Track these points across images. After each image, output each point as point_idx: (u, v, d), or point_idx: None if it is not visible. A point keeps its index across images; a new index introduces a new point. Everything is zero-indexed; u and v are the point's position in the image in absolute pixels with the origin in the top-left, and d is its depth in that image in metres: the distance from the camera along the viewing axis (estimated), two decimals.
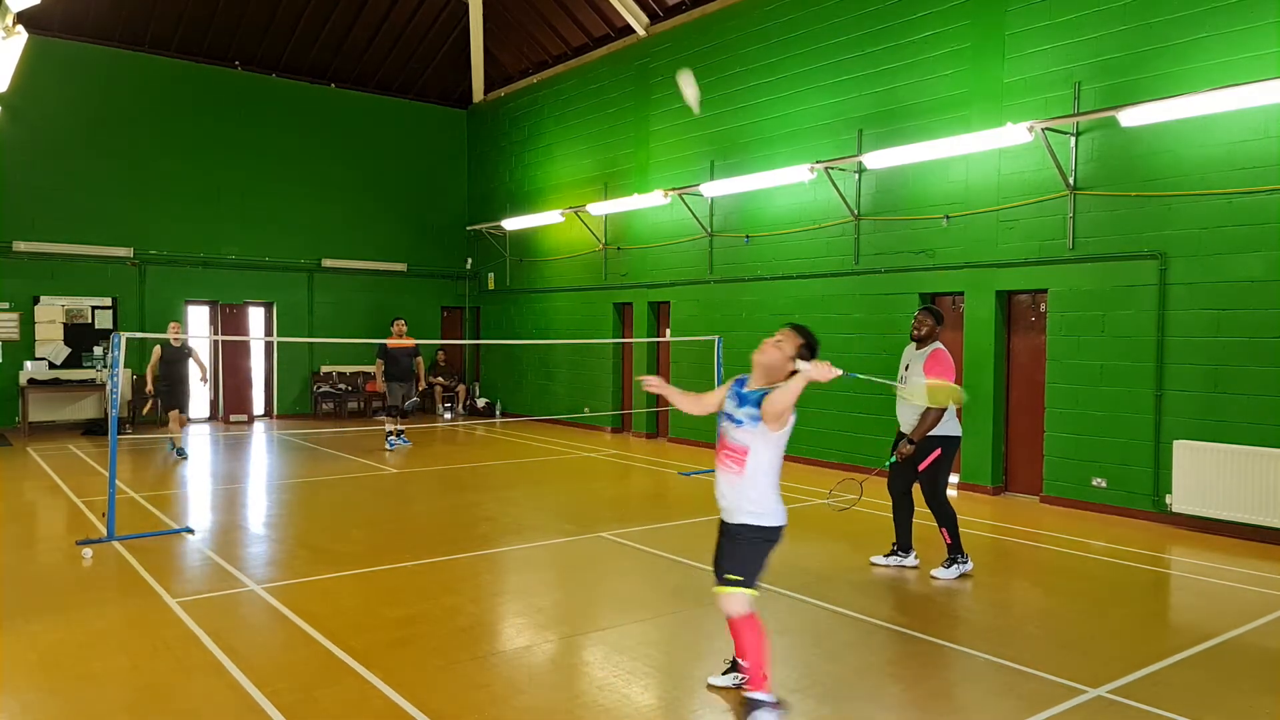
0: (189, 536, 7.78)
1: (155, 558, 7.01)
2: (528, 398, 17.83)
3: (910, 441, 6.53)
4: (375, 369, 14.00)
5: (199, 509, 9.10)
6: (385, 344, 13.39)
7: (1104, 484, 9.12)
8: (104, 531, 7.58)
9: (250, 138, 17.31)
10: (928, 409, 6.30)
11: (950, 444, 6.64)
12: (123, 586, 6.25)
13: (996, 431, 10.19)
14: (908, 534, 6.94)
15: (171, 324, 12.58)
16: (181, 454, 12.29)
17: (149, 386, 12.47)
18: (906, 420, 6.67)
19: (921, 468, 6.66)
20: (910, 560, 6.93)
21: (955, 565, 6.66)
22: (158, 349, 12.24)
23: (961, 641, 5.29)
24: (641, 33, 15.08)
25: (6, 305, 15.08)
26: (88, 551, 7.06)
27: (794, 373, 4.07)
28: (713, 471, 11.79)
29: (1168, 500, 8.59)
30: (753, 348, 4.33)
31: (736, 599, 4.17)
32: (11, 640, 5.16)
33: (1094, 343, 9.20)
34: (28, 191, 15.11)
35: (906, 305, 10.96)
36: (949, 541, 6.66)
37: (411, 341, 13.35)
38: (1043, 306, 9.88)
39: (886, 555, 7.02)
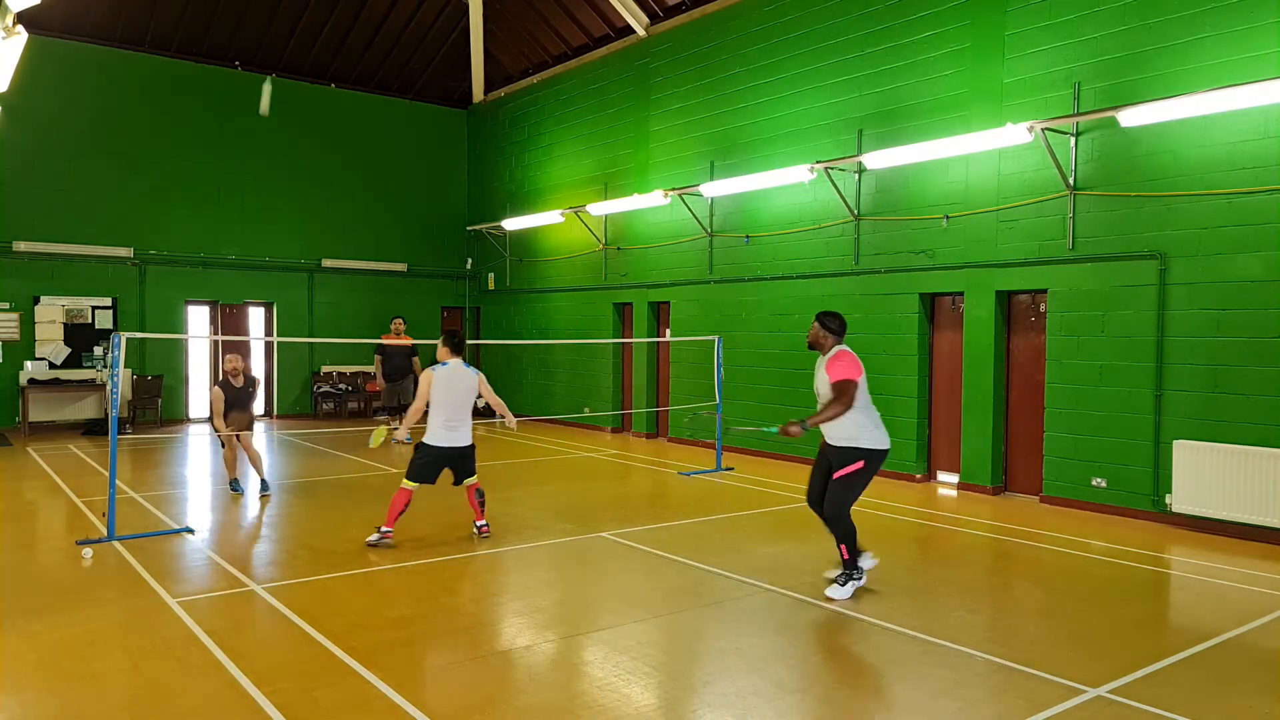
0: (189, 536, 7.78)
1: (155, 558, 7.01)
2: (528, 398, 17.83)
3: (803, 425, 5.87)
4: (374, 367, 14.07)
5: (199, 509, 9.10)
6: (381, 342, 13.43)
7: (1104, 484, 9.12)
8: (104, 531, 7.59)
9: (250, 138, 17.31)
10: (832, 401, 5.93)
11: (875, 458, 6.12)
12: (123, 586, 6.25)
13: (996, 431, 10.19)
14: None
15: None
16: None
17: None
18: (829, 431, 6.22)
19: (838, 474, 6.09)
20: (869, 561, 6.38)
21: (851, 583, 6.13)
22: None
23: (961, 641, 5.29)
24: (641, 33, 15.08)
25: (7, 305, 15.08)
26: (88, 551, 7.05)
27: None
28: (711, 471, 11.82)
29: (1167, 500, 8.59)
30: (753, 348, 4.34)
31: None
32: (11, 640, 5.16)
33: (1094, 343, 9.20)
34: (28, 191, 15.11)
35: (906, 305, 10.97)
36: (846, 558, 6.11)
37: (409, 340, 13.33)
38: (1043, 306, 9.88)
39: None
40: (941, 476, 10.95)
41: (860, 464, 6.04)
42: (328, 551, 7.33)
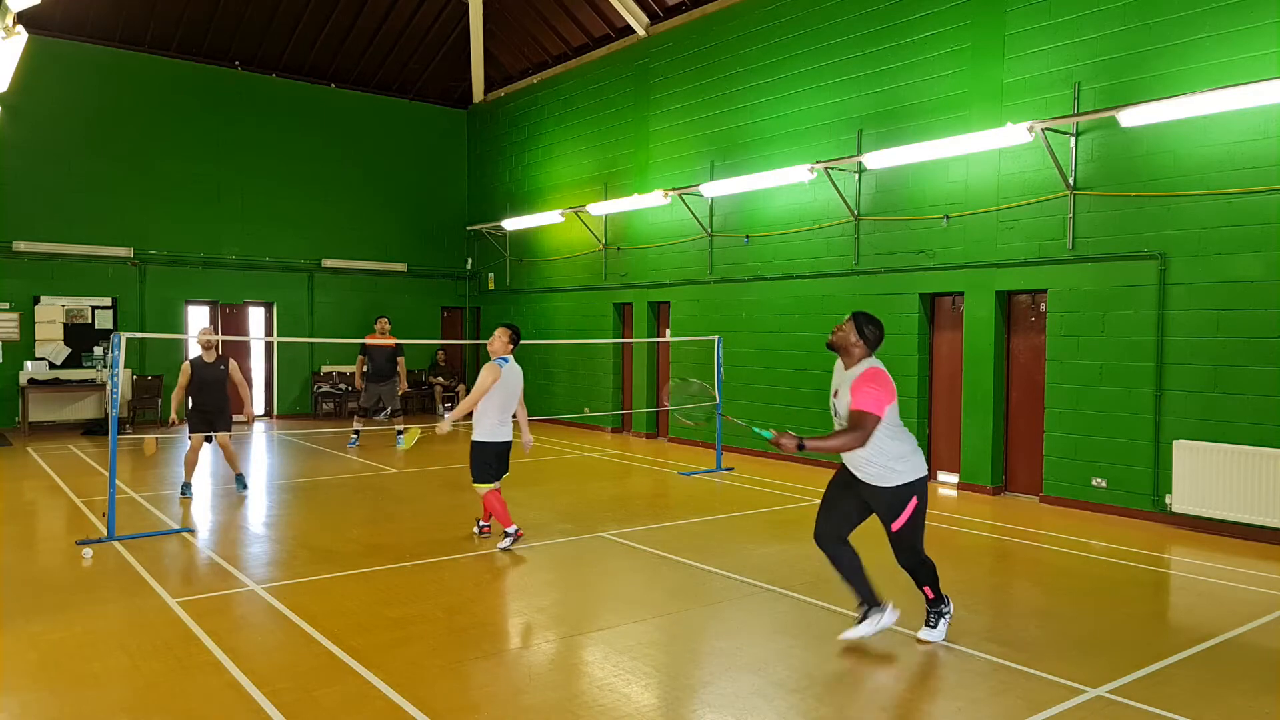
0: (189, 536, 7.79)
1: (155, 558, 7.02)
2: (528, 398, 17.80)
3: (801, 446, 4.84)
4: (356, 366, 13.88)
5: (199, 509, 9.10)
6: (365, 342, 13.28)
7: (1104, 484, 9.12)
8: (104, 531, 7.59)
9: (250, 138, 17.31)
10: (844, 431, 4.96)
11: (924, 488, 5.20)
12: (123, 586, 6.26)
13: (996, 431, 10.18)
14: (868, 585, 5.34)
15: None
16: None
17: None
18: (859, 466, 5.21)
19: (896, 526, 5.13)
20: (888, 616, 5.33)
21: (943, 621, 5.34)
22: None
23: (962, 641, 5.29)
24: (641, 33, 15.08)
25: (6, 305, 15.07)
26: (88, 551, 7.06)
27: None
28: (711, 471, 11.77)
29: (1168, 500, 8.59)
30: (753, 348, 4.33)
31: None
32: (11, 640, 5.16)
33: (1094, 343, 9.20)
34: (28, 191, 15.11)
35: (906, 305, 10.97)
36: (931, 597, 5.33)
37: (392, 341, 13.11)
38: (1043, 306, 9.88)
39: (858, 622, 5.33)
40: (941, 476, 10.94)
41: (915, 501, 5.12)
42: (327, 551, 7.33)
